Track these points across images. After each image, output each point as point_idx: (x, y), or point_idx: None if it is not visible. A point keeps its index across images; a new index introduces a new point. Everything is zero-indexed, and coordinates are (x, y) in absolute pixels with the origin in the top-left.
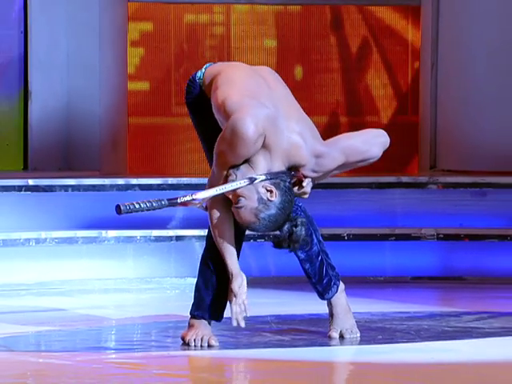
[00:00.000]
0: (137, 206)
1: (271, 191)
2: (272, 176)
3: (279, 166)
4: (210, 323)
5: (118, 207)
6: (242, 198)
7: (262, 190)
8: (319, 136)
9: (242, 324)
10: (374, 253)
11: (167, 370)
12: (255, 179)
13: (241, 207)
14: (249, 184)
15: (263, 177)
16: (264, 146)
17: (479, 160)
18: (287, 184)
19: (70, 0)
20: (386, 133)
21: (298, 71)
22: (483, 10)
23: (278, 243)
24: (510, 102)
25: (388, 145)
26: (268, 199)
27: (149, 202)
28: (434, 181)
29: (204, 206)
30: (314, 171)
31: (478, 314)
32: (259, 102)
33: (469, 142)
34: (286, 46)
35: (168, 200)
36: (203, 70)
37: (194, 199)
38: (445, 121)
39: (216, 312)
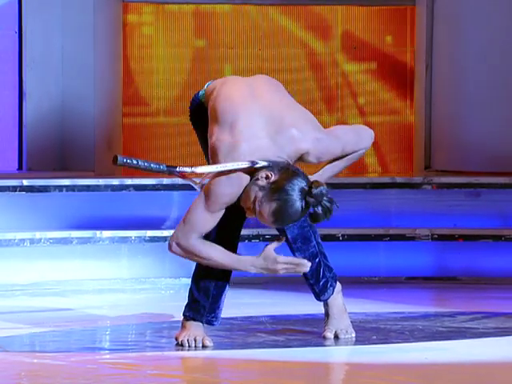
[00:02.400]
0: (134, 162)
1: (267, 176)
2: (274, 163)
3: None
4: (202, 324)
5: (115, 157)
6: (256, 203)
7: (260, 182)
8: (317, 125)
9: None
10: (368, 253)
11: (162, 371)
12: (257, 163)
13: (257, 207)
14: (250, 166)
15: (265, 163)
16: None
17: (473, 160)
18: (289, 165)
19: (64, 0)
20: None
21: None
22: (478, 11)
23: (314, 216)
24: (504, 102)
25: (373, 137)
26: (269, 183)
27: (147, 162)
28: (428, 181)
29: (202, 184)
30: (318, 157)
31: (473, 315)
32: (240, 147)
33: (463, 142)
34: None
35: (167, 166)
36: (205, 87)
37: (193, 171)
38: (439, 121)
39: (208, 316)
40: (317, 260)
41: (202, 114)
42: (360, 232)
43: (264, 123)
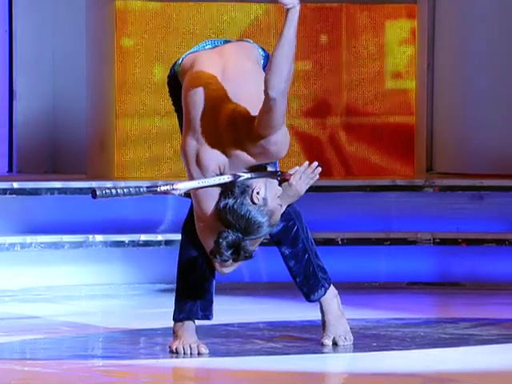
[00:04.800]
0: (113, 192)
1: (258, 192)
2: (257, 175)
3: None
4: (194, 326)
5: (93, 191)
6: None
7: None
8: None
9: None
10: (368, 258)
11: (155, 379)
12: (239, 176)
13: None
14: (232, 180)
15: (248, 175)
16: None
17: (476, 162)
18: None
19: None
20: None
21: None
22: (479, 9)
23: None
24: (506, 103)
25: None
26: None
27: (126, 188)
28: (430, 184)
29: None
30: (260, 153)
31: (476, 321)
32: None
33: (466, 144)
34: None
35: (147, 187)
36: (179, 61)
37: (173, 189)
38: (441, 122)
39: (204, 311)
40: (306, 256)
41: (179, 90)
42: (360, 236)
43: (217, 127)
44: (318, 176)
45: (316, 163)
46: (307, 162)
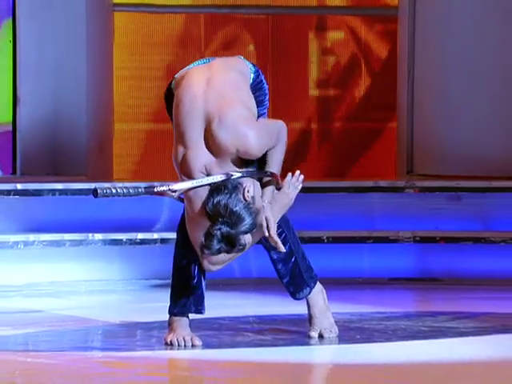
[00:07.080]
0: (114, 191)
1: (248, 191)
2: (248, 174)
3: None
4: (188, 320)
5: (95, 190)
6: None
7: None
8: (248, 119)
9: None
10: (352, 255)
11: (151, 369)
12: (231, 175)
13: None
14: (225, 179)
15: (239, 174)
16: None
17: (454, 164)
18: (236, 182)
19: (57, 8)
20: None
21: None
22: (459, 16)
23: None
24: (485, 107)
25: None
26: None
27: (126, 188)
28: (410, 185)
29: (180, 197)
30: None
31: (453, 314)
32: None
33: (445, 147)
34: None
35: (145, 188)
36: (176, 76)
37: (170, 189)
38: (421, 126)
39: (197, 306)
40: (292, 259)
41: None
42: (344, 234)
43: (202, 131)
44: (301, 184)
45: (298, 172)
46: (290, 173)
